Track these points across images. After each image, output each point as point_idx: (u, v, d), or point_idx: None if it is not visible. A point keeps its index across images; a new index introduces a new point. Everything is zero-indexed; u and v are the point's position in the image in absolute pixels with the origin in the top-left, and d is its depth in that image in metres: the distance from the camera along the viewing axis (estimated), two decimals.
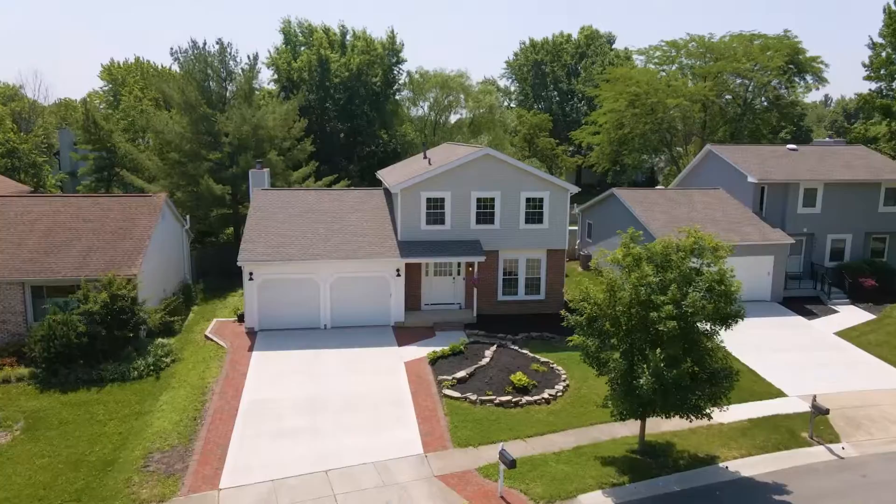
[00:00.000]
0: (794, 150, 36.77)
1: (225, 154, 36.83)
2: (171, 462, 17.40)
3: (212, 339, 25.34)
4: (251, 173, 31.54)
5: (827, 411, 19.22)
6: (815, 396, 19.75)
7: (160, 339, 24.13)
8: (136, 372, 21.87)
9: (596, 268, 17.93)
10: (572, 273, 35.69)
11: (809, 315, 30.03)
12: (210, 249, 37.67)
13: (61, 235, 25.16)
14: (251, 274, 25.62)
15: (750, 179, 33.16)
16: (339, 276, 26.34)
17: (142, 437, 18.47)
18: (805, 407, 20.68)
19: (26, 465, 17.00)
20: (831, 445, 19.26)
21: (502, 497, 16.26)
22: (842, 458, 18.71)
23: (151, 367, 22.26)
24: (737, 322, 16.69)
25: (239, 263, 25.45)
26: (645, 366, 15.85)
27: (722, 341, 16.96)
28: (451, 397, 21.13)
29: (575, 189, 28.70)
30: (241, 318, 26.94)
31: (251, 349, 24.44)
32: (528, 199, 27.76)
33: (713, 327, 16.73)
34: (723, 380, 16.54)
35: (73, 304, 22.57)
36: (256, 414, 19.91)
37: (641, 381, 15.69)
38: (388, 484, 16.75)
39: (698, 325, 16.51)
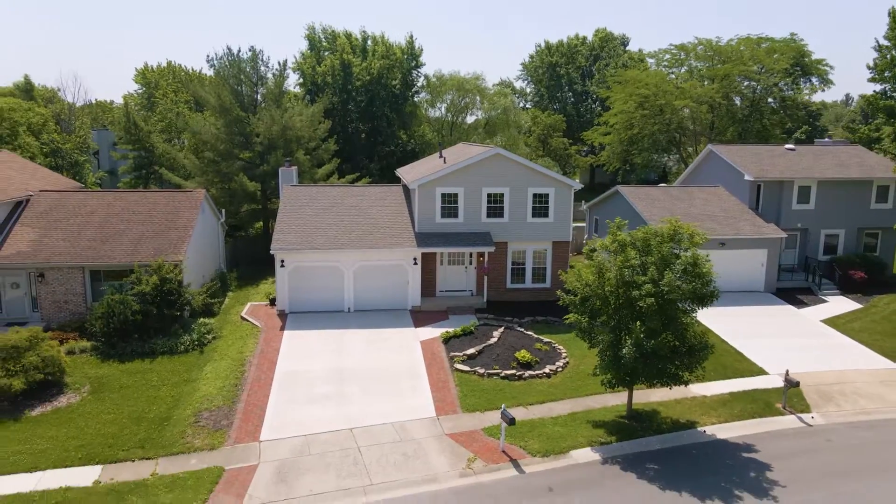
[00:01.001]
0: (791, 149, 38.67)
1: (256, 153, 39.67)
2: (217, 419, 20.14)
3: (247, 320, 28.11)
4: (280, 171, 34.27)
5: (797, 384, 21.38)
6: (787, 370, 21.95)
7: (202, 319, 26.98)
8: (182, 346, 24.70)
9: (588, 252, 20.30)
10: (579, 266, 37.94)
11: (800, 304, 32.01)
12: (241, 242, 40.55)
13: (115, 226, 28.11)
14: (282, 261, 28.35)
15: (746, 177, 35.19)
16: (362, 264, 28.99)
17: (191, 400, 21.25)
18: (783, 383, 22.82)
19: (95, 420, 19.85)
20: (802, 415, 21.42)
21: (504, 451, 18.71)
22: (810, 425, 20.87)
23: (196, 343, 25.06)
24: (712, 302, 18.95)
25: (272, 251, 28.20)
26: (628, 337, 18.21)
27: (695, 315, 19.16)
28: (462, 371, 23.64)
29: (578, 185, 31.05)
30: (272, 302, 29.71)
31: (283, 329, 27.16)
32: (534, 195, 30.17)
33: (691, 305, 19.02)
34: (699, 352, 18.82)
35: (127, 286, 25.49)
36: (289, 383, 22.59)
37: (624, 350, 18.07)
38: (404, 440, 19.30)
39: (679, 303, 18.78)
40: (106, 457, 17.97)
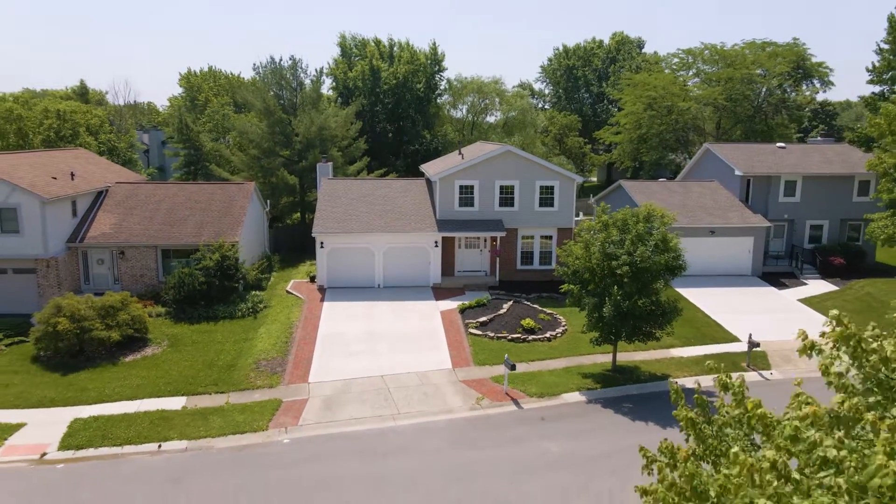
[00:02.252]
0: (782, 147, 42.11)
1: (295, 151, 44.33)
2: (273, 367, 24.67)
3: (292, 293, 32.68)
4: (319, 166, 38.84)
5: (758, 344, 25.19)
6: (750, 334, 25.76)
7: (254, 292, 31.61)
8: (239, 312, 29.31)
9: (578, 232, 24.42)
10: (570, 244, 41.91)
11: (781, 286, 35.57)
12: (281, 231, 45.28)
13: (180, 212, 32.88)
14: (322, 243, 32.86)
15: (737, 172, 38.80)
16: (390, 246, 33.39)
17: (251, 353, 25.82)
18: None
19: (176, 366, 24.51)
20: (762, 371, 25.24)
21: (506, 393, 22.89)
22: (768, 379, 24.70)
23: (250, 310, 29.67)
24: (681, 272, 22.92)
25: (313, 234, 32.73)
26: (608, 300, 22.26)
27: (667, 283, 23.12)
28: (475, 334, 27.86)
29: (580, 179, 35.07)
30: (312, 279, 34.25)
31: (322, 300, 31.65)
32: (541, 187, 34.26)
33: (664, 275, 22.99)
34: (669, 313, 22.79)
35: (193, 262, 30.19)
36: (330, 341, 27.04)
37: (605, 310, 22.12)
38: (425, 384, 23.59)
39: (654, 273, 22.70)
40: (188, 390, 22.59)
